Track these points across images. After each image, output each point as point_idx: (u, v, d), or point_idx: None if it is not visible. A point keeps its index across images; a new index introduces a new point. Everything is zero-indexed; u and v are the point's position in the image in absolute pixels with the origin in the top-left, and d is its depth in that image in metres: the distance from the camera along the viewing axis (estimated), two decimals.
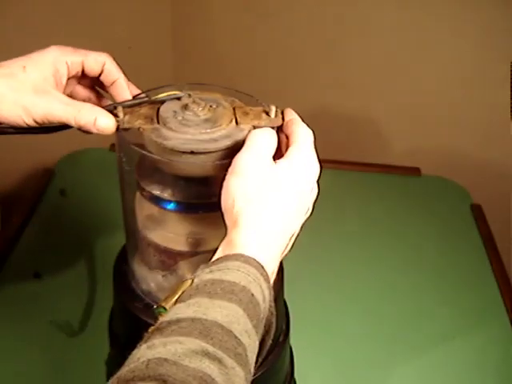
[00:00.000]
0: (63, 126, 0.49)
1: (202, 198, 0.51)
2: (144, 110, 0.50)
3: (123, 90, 0.53)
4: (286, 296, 0.63)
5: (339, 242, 1.10)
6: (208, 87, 0.54)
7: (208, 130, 0.48)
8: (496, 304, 0.98)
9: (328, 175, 1.36)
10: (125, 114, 0.49)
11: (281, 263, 0.61)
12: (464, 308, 0.97)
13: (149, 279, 0.56)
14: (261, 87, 0.55)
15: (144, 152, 0.48)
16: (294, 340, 0.67)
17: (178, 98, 0.51)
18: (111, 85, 0.53)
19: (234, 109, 0.51)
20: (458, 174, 1.27)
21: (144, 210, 0.54)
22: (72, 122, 0.48)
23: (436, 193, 1.25)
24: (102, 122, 0.48)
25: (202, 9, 1.31)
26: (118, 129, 0.49)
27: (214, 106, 0.51)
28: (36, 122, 0.47)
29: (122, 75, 0.53)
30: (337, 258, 1.06)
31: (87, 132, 0.49)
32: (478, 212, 1.19)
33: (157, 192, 0.51)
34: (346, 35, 1.25)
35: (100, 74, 0.53)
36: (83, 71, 0.52)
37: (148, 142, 0.49)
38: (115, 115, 0.49)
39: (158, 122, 0.49)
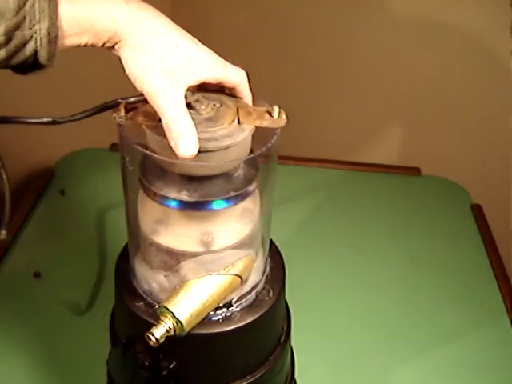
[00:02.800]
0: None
1: (204, 196, 0.50)
2: (147, 107, 0.50)
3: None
4: (287, 297, 0.63)
5: (340, 243, 1.10)
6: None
7: (209, 129, 0.48)
8: (496, 304, 0.98)
9: (329, 175, 1.36)
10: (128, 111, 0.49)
11: (282, 264, 0.61)
12: (464, 308, 0.97)
13: (151, 279, 0.56)
14: (263, 88, 0.55)
15: (146, 152, 0.48)
16: (294, 341, 0.67)
17: None
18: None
19: (237, 108, 0.51)
20: (458, 174, 1.27)
21: (147, 209, 0.54)
22: (164, 123, 0.46)
23: (436, 193, 1.25)
24: (184, 145, 0.45)
25: (202, 10, 1.30)
26: (120, 124, 0.49)
27: (218, 105, 0.50)
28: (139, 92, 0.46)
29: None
30: (337, 258, 1.06)
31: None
32: (477, 212, 1.19)
33: (159, 190, 0.50)
34: (346, 35, 1.26)
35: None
36: None
37: (149, 139, 0.49)
38: (118, 111, 0.48)
39: (160, 120, 0.49)
